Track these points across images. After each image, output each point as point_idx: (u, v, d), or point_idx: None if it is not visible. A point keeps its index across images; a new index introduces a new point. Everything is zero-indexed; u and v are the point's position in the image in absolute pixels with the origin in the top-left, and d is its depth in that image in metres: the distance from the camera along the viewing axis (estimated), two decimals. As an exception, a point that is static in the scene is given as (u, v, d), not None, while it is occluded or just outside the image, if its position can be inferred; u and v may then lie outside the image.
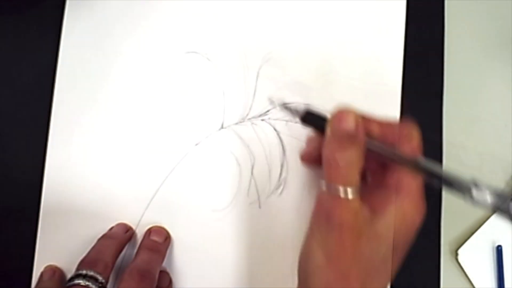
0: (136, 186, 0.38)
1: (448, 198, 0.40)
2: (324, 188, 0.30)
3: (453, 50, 0.43)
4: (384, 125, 0.33)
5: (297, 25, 0.41)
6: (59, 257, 0.37)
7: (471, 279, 0.40)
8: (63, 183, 0.38)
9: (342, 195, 0.29)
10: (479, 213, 0.41)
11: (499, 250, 0.40)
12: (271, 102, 0.37)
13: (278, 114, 0.40)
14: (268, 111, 0.40)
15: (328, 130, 0.31)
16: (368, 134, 0.32)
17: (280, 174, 0.39)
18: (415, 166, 0.31)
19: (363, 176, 0.34)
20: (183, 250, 0.38)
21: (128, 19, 0.40)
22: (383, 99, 0.41)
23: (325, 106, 0.40)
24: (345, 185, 0.29)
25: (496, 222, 0.41)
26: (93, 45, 0.40)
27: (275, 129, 0.40)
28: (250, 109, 0.40)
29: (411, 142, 0.32)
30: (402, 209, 0.30)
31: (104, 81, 0.39)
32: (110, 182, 0.38)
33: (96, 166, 0.38)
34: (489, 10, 0.44)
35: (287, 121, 0.40)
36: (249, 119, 0.40)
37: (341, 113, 0.31)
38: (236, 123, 0.40)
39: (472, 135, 0.43)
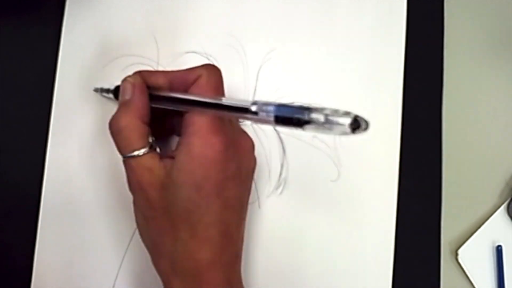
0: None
1: (448, 198, 0.40)
2: (120, 156, 0.32)
3: (453, 50, 0.43)
4: (172, 75, 0.34)
5: (297, 25, 0.41)
6: (59, 257, 0.37)
7: (471, 279, 0.40)
8: (63, 183, 0.38)
9: (132, 157, 0.31)
10: (479, 213, 0.41)
11: (499, 250, 0.40)
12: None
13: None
14: (268, 111, 0.40)
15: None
16: (156, 88, 0.33)
17: (280, 174, 0.39)
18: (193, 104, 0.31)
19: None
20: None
21: (128, 19, 0.40)
22: (383, 99, 0.41)
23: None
24: (131, 152, 0.31)
25: (496, 222, 0.41)
26: (93, 45, 0.40)
27: (275, 129, 0.40)
28: (250, 109, 0.40)
29: (198, 82, 0.32)
30: (188, 146, 0.30)
31: (104, 81, 0.39)
32: (110, 181, 0.38)
33: (96, 165, 0.38)
34: (489, 10, 0.44)
35: (287, 121, 0.40)
36: (249, 119, 0.40)
37: (122, 84, 0.33)
38: (236, 123, 0.40)
39: (472, 135, 0.43)
